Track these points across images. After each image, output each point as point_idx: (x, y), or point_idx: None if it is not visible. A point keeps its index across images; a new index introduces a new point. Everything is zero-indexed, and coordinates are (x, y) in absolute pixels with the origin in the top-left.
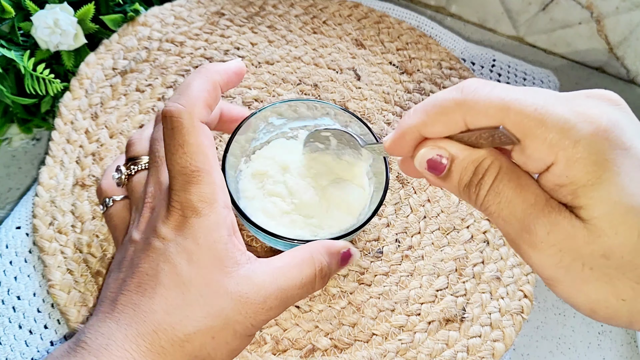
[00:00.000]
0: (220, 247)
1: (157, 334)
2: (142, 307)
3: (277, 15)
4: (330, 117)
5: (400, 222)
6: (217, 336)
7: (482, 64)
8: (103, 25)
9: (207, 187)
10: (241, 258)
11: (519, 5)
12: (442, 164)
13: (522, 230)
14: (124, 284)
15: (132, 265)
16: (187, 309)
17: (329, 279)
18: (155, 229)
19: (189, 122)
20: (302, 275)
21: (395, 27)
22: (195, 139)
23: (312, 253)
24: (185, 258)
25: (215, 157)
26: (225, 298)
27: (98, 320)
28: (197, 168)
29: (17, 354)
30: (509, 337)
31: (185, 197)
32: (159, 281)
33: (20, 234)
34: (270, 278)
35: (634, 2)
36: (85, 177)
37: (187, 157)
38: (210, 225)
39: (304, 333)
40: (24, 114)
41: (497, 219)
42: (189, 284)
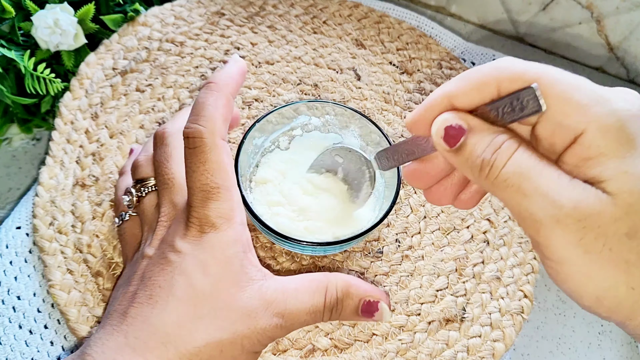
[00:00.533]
0: (236, 262)
1: (165, 346)
2: (152, 319)
3: (277, 15)
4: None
5: (400, 222)
6: (225, 350)
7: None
8: (103, 25)
9: (226, 203)
10: (256, 274)
11: (519, 5)
12: (459, 133)
13: (547, 204)
14: (135, 296)
15: (144, 279)
16: (198, 322)
17: (343, 318)
18: (172, 243)
19: (211, 141)
20: (311, 302)
21: (396, 27)
22: (217, 156)
23: (329, 284)
24: (200, 270)
25: (234, 174)
26: (236, 312)
27: (106, 333)
28: (217, 185)
29: (17, 354)
30: (509, 337)
31: (204, 213)
32: (172, 293)
33: (21, 234)
34: (281, 297)
35: (634, 2)
36: (86, 177)
37: (209, 174)
38: (227, 240)
39: (304, 333)
40: (24, 114)
41: (516, 192)
42: (203, 296)
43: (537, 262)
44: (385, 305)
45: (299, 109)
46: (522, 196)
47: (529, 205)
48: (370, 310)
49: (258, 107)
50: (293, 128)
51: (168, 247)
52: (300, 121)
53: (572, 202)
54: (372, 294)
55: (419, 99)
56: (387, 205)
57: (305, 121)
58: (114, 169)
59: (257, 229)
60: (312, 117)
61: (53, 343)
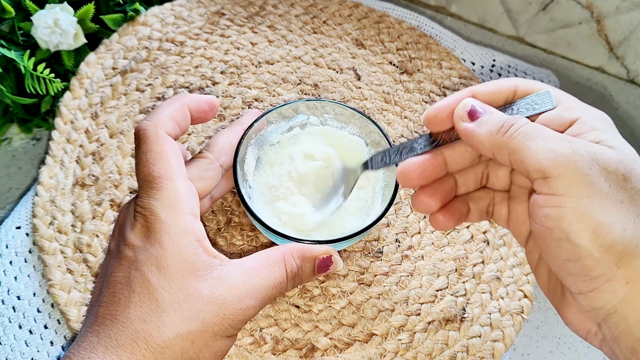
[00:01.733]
0: (190, 251)
1: (136, 342)
2: (118, 317)
3: (277, 15)
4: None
5: (400, 222)
6: (197, 340)
7: (482, 64)
8: (103, 25)
9: (169, 193)
10: (213, 261)
11: (519, 5)
12: (481, 111)
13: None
14: (101, 295)
15: (106, 275)
16: (162, 316)
17: (304, 282)
18: (124, 236)
19: (153, 132)
20: (274, 276)
21: (396, 27)
22: (158, 147)
23: (285, 255)
24: (154, 265)
25: (180, 167)
26: (201, 301)
27: (81, 335)
28: (159, 174)
29: (17, 354)
30: (509, 337)
31: (147, 203)
32: (132, 289)
33: (20, 234)
34: (243, 278)
35: (634, 2)
36: (85, 176)
37: (150, 164)
38: (176, 230)
39: (304, 333)
40: (24, 114)
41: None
42: (162, 290)
43: None
44: (337, 257)
45: (298, 108)
46: (541, 140)
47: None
48: (325, 265)
49: (258, 107)
50: (292, 127)
51: (122, 240)
52: (299, 120)
53: (583, 144)
54: (323, 251)
55: (419, 99)
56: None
57: (304, 120)
58: (113, 169)
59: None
60: (310, 116)
61: (53, 343)
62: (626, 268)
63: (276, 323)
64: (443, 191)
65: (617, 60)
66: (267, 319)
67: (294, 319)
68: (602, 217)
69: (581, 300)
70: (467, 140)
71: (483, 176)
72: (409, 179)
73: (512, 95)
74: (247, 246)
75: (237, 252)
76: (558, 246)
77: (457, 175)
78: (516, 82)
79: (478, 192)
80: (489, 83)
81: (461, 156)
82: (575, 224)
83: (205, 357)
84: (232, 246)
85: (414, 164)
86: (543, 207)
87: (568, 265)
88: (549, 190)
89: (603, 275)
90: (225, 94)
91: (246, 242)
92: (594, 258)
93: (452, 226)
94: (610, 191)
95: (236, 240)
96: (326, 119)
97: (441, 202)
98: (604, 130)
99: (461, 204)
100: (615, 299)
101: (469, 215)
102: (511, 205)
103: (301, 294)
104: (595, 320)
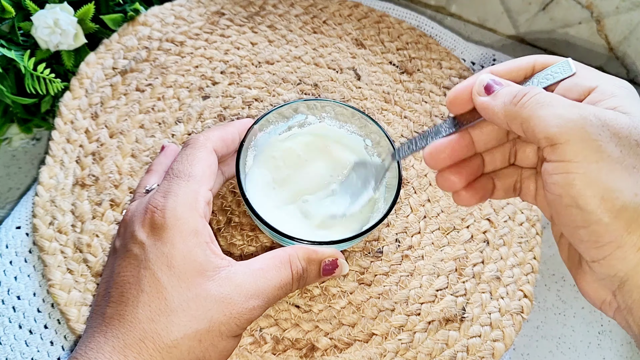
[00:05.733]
0: (199, 252)
1: (144, 342)
2: (127, 317)
3: (277, 15)
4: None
5: (400, 222)
6: (204, 339)
7: (482, 63)
8: (103, 25)
9: (192, 193)
10: (221, 262)
11: (519, 5)
12: (497, 85)
13: (576, 109)
14: (108, 295)
15: (113, 274)
16: (171, 315)
17: (309, 284)
18: (132, 234)
19: (202, 142)
20: (280, 277)
21: (395, 26)
22: (201, 154)
23: (291, 257)
24: (165, 264)
25: (210, 178)
26: (209, 301)
27: (88, 335)
28: (191, 174)
29: (17, 354)
30: (509, 337)
31: (165, 202)
32: (141, 289)
33: (20, 234)
34: (250, 279)
35: (634, 2)
36: (85, 176)
37: (188, 163)
38: (188, 230)
39: (304, 333)
40: (24, 114)
41: (548, 106)
42: (171, 289)
43: (537, 262)
44: (343, 260)
45: (298, 108)
46: (551, 107)
47: (557, 112)
48: (331, 269)
49: (258, 107)
50: (290, 127)
51: (130, 238)
52: (297, 119)
53: (593, 110)
54: (329, 254)
55: (419, 99)
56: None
57: (302, 120)
58: (113, 169)
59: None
60: (308, 115)
61: (53, 343)
62: (637, 234)
63: (276, 323)
64: (469, 169)
65: (617, 60)
66: (267, 319)
67: (294, 318)
68: (611, 182)
69: (595, 268)
70: (484, 114)
71: (511, 154)
72: (437, 160)
73: (531, 71)
74: (247, 246)
75: (237, 252)
76: (568, 213)
77: (485, 154)
78: (534, 58)
79: (505, 170)
80: (508, 62)
81: (488, 135)
82: (583, 189)
83: (211, 356)
84: (232, 246)
85: (442, 144)
86: (552, 174)
87: (579, 232)
88: (558, 157)
89: (613, 242)
90: (225, 94)
91: (246, 242)
92: (604, 224)
93: (475, 202)
94: (622, 156)
95: (236, 240)
96: (324, 118)
97: (466, 180)
98: (622, 97)
99: (487, 181)
100: (627, 267)
101: (494, 192)
102: (539, 182)
103: (301, 294)
104: (610, 288)
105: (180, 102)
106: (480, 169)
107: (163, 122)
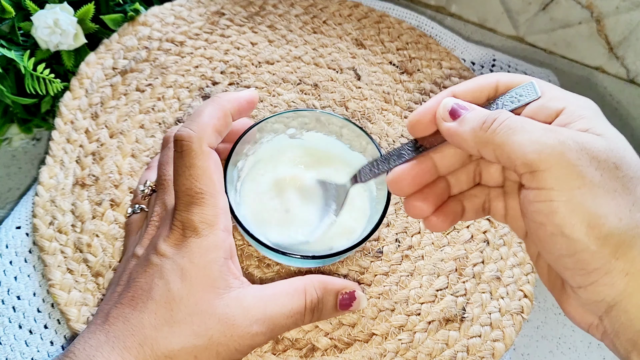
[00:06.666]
0: (215, 268)
1: (142, 347)
2: (132, 320)
3: (277, 15)
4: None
5: (400, 221)
6: (199, 356)
7: (482, 63)
8: (103, 25)
9: (210, 209)
10: (234, 282)
11: (519, 5)
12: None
13: (551, 135)
14: (120, 297)
15: (130, 280)
16: (174, 326)
17: (325, 317)
18: (156, 245)
19: (197, 146)
20: (291, 304)
21: (396, 26)
22: (202, 162)
23: (306, 285)
24: (179, 275)
25: (221, 182)
26: (213, 319)
27: (89, 332)
28: (201, 190)
29: (17, 354)
30: (509, 337)
31: (187, 217)
32: (151, 296)
33: (20, 234)
34: (259, 303)
35: (634, 2)
36: (85, 176)
37: (193, 179)
38: (207, 246)
39: (304, 333)
40: (24, 114)
41: (520, 131)
42: (179, 301)
43: None
44: (361, 293)
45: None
46: (525, 132)
47: (533, 137)
48: (349, 302)
49: (258, 106)
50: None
51: (152, 249)
52: (289, 132)
53: (570, 134)
54: (346, 286)
55: (419, 99)
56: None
57: (291, 132)
58: (114, 169)
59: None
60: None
61: (53, 343)
62: (624, 260)
63: None
64: (435, 194)
65: (617, 60)
66: None
67: None
68: (596, 208)
69: (581, 293)
70: (451, 140)
71: (476, 174)
72: (400, 187)
73: (494, 92)
74: (247, 246)
75: (237, 252)
76: (552, 241)
77: (449, 177)
78: (497, 77)
79: (472, 190)
80: (469, 81)
81: (450, 158)
82: (568, 217)
83: None
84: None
85: (403, 172)
86: (533, 202)
87: (564, 260)
88: (538, 184)
89: (601, 268)
90: None
91: (246, 242)
92: (591, 251)
93: (447, 227)
94: (602, 180)
95: (236, 239)
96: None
97: (434, 206)
98: (591, 118)
99: (455, 204)
100: (615, 292)
101: (464, 214)
102: (507, 201)
103: None
104: (596, 313)
105: (180, 102)
106: (446, 193)
107: (163, 122)
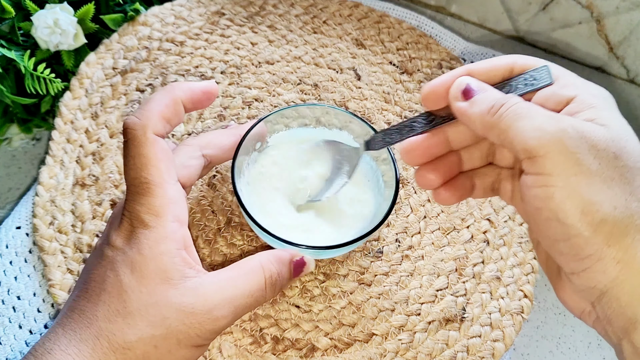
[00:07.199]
0: (166, 259)
1: (98, 340)
2: (86, 312)
3: (277, 15)
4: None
5: (400, 222)
6: (160, 345)
7: None
8: (103, 25)
9: (156, 199)
10: (189, 272)
11: (519, 5)
12: (475, 90)
13: (553, 121)
14: (76, 290)
15: (86, 272)
16: (128, 317)
17: (282, 288)
18: (109, 238)
19: (142, 133)
20: (250, 284)
21: (396, 27)
22: (147, 150)
23: (262, 262)
24: (129, 267)
25: (169, 171)
26: (168, 308)
27: (52, 328)
28: (146, 180)
29: (17, 354)
30: (509, 337)
31: (134, 208)
32: (103, 288)
33: (20, 234)
34: (217, 288)
35: (634, 2)
36: (85, 176)
37: (138, 168)
38: (156, 237)
39: (304, 333)
40: (24, 114)
41: (525, 118)
42: (131, 292)
43: (537, 262)
44: (308, 258)
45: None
46: (529, 119)
47: (535, 124)
48: (300, 267)
49: (258, 107)
50: None
51: (105, 241)
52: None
53: (571, 122)
54: (293, 253)
55: (419, 99)
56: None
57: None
58: (114, 169)
59: None
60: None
61: None
62: (617, 247)
63: (276, 323)
64: (446, 167)
65: (617, 60)
66: (267, 319)
67: (294, 318)
68: (591, 195)
69: (574, 279)
70: (461, 119)
71: (489, 153)
72: (411, 157)
73: (509, 73)
74: (247, 246)
75: (237, 252)
76: (548, 226)
77: (462, 152)
78: (514, 59)
79: (484, 169)
80: (486, 61)
81: (464, 134)
82: (563, 202)
83: None
84: (232, 246)
85: (416, 142)
86: (531, 187)
87: (559, 245)
88: (536, 169)
89: (593, 255)
90: (225, 94)
91: (246, 242)
92: (584, 237)
93: (455, 201)
94: (600, 169)
95: (236, 240)
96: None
97: (444, 178)
98: (600, 107)
99: (466, 180)
100: (607, 279)
101: (474, 191)
102: (514, 183)
103: (301, 294)
104: (589, 299)
105: None
106: (457, 167)
107: None
